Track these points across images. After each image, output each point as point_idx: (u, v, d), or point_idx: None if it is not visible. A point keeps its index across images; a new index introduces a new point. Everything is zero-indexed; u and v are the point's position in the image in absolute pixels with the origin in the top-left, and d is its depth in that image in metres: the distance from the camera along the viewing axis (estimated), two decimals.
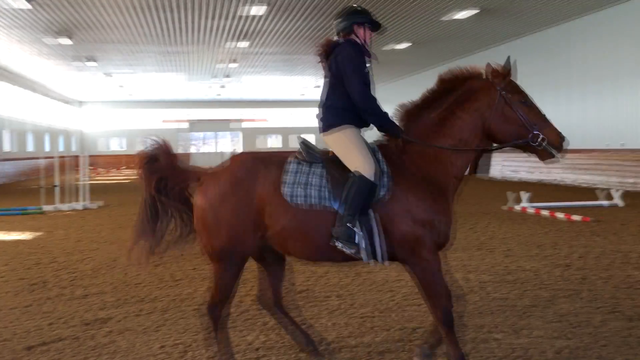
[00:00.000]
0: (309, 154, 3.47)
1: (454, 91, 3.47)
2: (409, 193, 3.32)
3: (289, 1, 15.80)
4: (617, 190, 12.59)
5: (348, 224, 3.23)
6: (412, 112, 3.54)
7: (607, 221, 9.97)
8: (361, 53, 3.58)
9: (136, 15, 16.90)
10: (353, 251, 3.26)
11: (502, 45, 23.13)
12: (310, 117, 48.24)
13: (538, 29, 20.38)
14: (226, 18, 17.63)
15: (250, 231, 3.39)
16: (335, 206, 3.30)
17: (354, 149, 3.37)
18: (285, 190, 3.33)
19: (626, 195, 12.90)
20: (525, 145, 3.40)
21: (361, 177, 3.25)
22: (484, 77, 3.49)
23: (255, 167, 3.44)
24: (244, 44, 21.72)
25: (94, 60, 24.62)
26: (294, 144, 49.23)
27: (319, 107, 3.64)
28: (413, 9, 16.96)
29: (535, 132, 3.35)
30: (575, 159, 18.61)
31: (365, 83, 3.50)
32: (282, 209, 3.33)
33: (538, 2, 16.61)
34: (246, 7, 16.26)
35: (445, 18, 18.10)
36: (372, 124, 3.54)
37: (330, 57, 3.60)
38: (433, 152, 3.42)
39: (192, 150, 46.45)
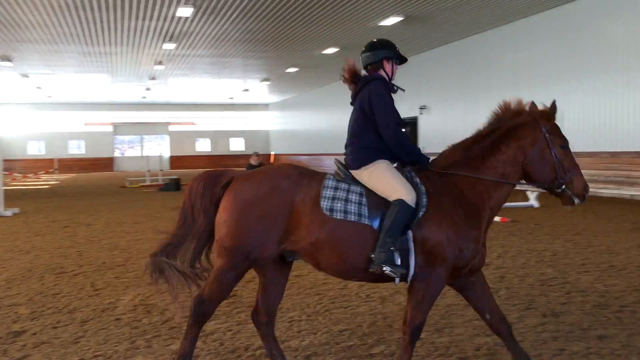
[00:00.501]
0: (346, 173, 3.55)
1: (502, 126, 3.58)
2: (445, 213, 3.37)
3: (215, 3, 15.63)
4: (533, 192, 13.24)
5: (391, 249, 3.27)
6: (463, 145, 3.64)
7: (524, 221, 10.46)
8: (390, 91, 3.66)
9: (54, 14, 16.21)
10: (398, 275, 3.29)
11: (427, 52, 23.83)
12: (239, 121, 48.04)
13: (461, 37, 21.13)
14: (151, 19, 17.22)
15: (274, 239, 3.39)
16: (374, 225, 3.34)
17: (391, 180, 3.44)
18: (324, 204, 3.37)
19: (541, 196, 13.58)
20: (551, 190, 3.56)
21: (403, 204, 3.31)
22: (526, 113, 3.59)
23: (299, 180, 3.47)
24: (170, 46, 21.28)
25: (9, 60, 23.41)
26: (223, 148, 48.69)
27: (349, 143, 3.68)
28: (340, 14, 17.19)
29: (562, 181, 3.48)
30: None
31: (397, 123, 3.58)
32: (319, 221, 3.35)
33: (460, 11, 17.23)
34: (172, 9, 15.95)
35: (371, 24, 18.44)
36: (404, 160, 3.62)
37: (360, 92, 3.67)
38: (472, 181, 3.50)
39: (117, 154, 45.02)
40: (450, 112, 22.84)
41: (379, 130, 3.54)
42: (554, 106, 3.56)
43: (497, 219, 10.51)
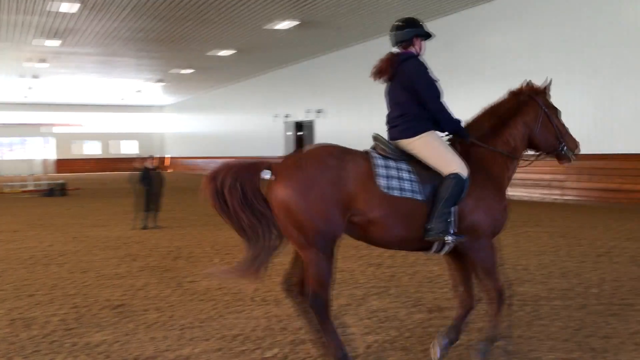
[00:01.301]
0: (389, 149, 3.71)
1: (506, 104, 3.97)
2: (479, 188, 3.69)
3: None
4: None
5: (448, 220, 3.52)
6: (477, 122, 3.97)
7: None
8: (426, 66, 3.85)
9: None
10: (457, 242, 3.56)
11: (323, 56, 24.22)
12: (132, 123, 46.24)
13: (355, 42, 21.67)
14: (32, 13, 16.16)
15: (340, 214, 3.45)
16: (425, 199, 3.57)
17: (445, 153, 3.68)
18: (381, 181, 3.51)
19: None
20: (550, 148, 4.03)
21: (459, 177, 3.56)
22: (524, 92, 4.00)
23: (344, 156, 3.54)
24: (54, 43, 20.08)
25: None
26: (115, 151, 46.58)
27: (397, 116, 3.83)
28: (235, 16, 17.07)
29: (563, 144, 4.00)
30: None
31: (439, 95, 3.82)
32: (378, 198, 3.48)
33: (354, 17, 17.67)
34: (55, 3, 15.06)
35: (267, 27, 18.47)
36: (447, 130, 3.87)
37: (398, 71, 3.83)
38: (494, 156, 3.87)
39: None
40: (345, 116, 23.35)
41: (424, 103, 3.77)
42: (546, 82, 4.05)
43: None
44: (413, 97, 3.78)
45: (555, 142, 4.01)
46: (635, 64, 12.56)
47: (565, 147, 4.01)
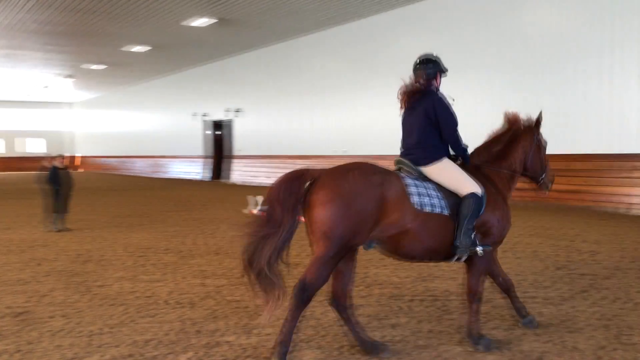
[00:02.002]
0: (414, 171, 4.18)
1: (508, 133, 4.55)
2: (491, 202, 4.18)
3: None
4: None
5: (472, 235, 4.00)
6: (486, 146, 4.55)
7: None
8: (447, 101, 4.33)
9: None
10: (483, 252, 4.05)
11: (241, 55, 24.01)
12: (39, 120, 43.86)
13: (274, 41, 21.64)
14: None
15: (368, 228, 3.78)
16: (449, 213, 4.01)
17: (460, 177, 4.15)
18: (415, 199, 3.91)
19: None
20: (534, 175, 4.63)
21: (476, 196, 4.03)
22: (522, 122, 4.60)
23: (381, 175, 3.91)
24: None
25: None
26: (20, 149, 43.98)
27: (415, 143, 4.25)
28: (149, 11, 16.58)
29: (544, 172, 4.62)
30: (306, 164, 20.22)
31: (456, 126, 4.29)
32: (412, 214, 3.87)
33: (272, 17, 17.65)
34: None
35: (184, 24, 18.08)
36: (455, 153, 4.37)
37: (423, 102, 4.25)
38: (500, 174, 4.45)
39: None
40: (264, 115, 23.28)
41: (442, 133, 4.26)
42: (540, 116, 4.61)
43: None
44: (432, 125, 4.25)
45: (540, 169, 4.63)
46: (525, 64, 13.34)
47: (545, 178, 4.64)
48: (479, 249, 4.03)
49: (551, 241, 8.35)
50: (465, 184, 4.10)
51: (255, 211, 12.53)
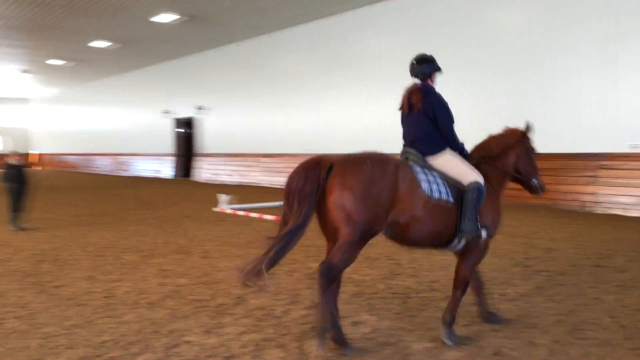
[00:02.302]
0: (421, 161, 4.43)
1: (505, 139, 4.75)
2: (488, 196, 4.39)
3: None
4: None
5: (476, 220, 4.22)
6: (484, 145, 4.75)
7: None
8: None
9: None
10: (487, 237, 4.32)
11: (207, 52, 23.78)
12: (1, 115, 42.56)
13: (241, 39, 21.49)
14: None
15: (386, 214, 3.97)
16: (453, 201, 4.23)
17: (465, 166, 4.43)
18: (424, 186, 4.13)
19: None
20: (527, 182, 4.81)
21: (479, 184, 4.28)
22: (519, 133, 4.79)
23: (394, 163, 4.11)
24: None
25: None
26: None
27: (420, 137, 4.49)
28: (112, 5, 16.27)
29: (535, 177, 4.79)
30: (270, 162, 20.19)
31: (452, 123, 4.54)
32: (423, 201, 4.08)
33: (239, 15, 17.52)
34: None
35: (152, 19, 17.79)
36: (453, 150, 4.54)
37: (423, 101, 4.49)
38: (495, 172, 4.63)
39: None
40: (230, 113, 23.11)
41: (441, 129, 4.51)
42: (529, 127, 4.80)
43: (271, 217, 10.91)
44: (432, 122, 4.52)
45: (532, 174, 4.82)
46: (491, 65, 13.59)
47: (537, 182, 4.84)
48: (483, 233, 4.29)
49: (510, 238, 8.52)
50: (469, 173, 4.39)
51: (226, 209, 12.43)
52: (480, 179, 4.34)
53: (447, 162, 4.46)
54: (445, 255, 7.33)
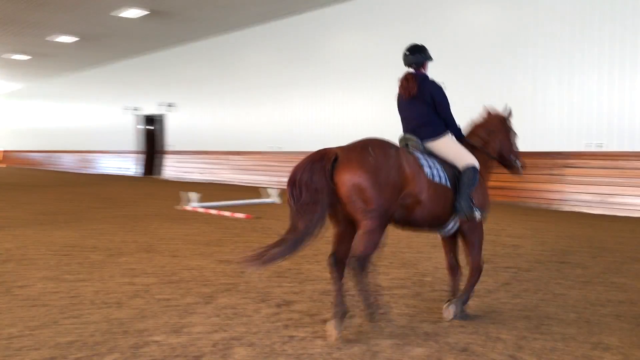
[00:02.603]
0: (420, 147, 4.71)
1: (489, 125, 5.09)
2: (479, 182, 4.73)
3: None
4: (275, 188, 14.00)
5: (470, 200, 4.52)
6: (472, 131, 5.08)
7: (266, 217, 10.99)
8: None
9: None
10: (481, 216, 4.63)
11: (174, 48, 23.51)
12: None
13: (209, 35, 21.30)
14: None
15: (397, 196, 4.17)
16: (449, 185, 4.52)
17: (461, 149, 4.73)
18: (427, 171, 4.38)
19: (283, 192, 14.41)
20: (509, 161, 5.16)
21: (474, 167, 4.61)
22: (500, 116, 5.16)
23: (396, 148, 4.30)
24: None
25: None
26: None
27: (422, 123, 4.75)
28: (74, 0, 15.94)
29: (516, 158, 5.18)
30: (239, 160, 20.06)
31: (449, 106, 4.81)
32: (426, 184, 4.33)
33: (205, 10, 17.35)
34: None
35: (114, 14, 17.50)
36: (451, 132, 4.85)
37: (421, 87, 4.76)
38: (483, 156, 4.94)
39: None
40: (197, 111, 22.89)
41: (440, 113, 4.78)
42: (510, 111, 5.21)
43: (242, 215, 10.85)
44: (431, 108, 4.76)
45: (513, 153, 5.16)
46: (455, 63, 13.77)
47: (517, 161, 5.18)
48: (477, 213, 4.55)
49: None
50: (465, 156, 4.68)
51: (189, 207, 12.31)
52: (475, 162, 4.65)
53: (445, 144, 4.73)
54: (415, 253, 7.42)
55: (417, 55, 4.87)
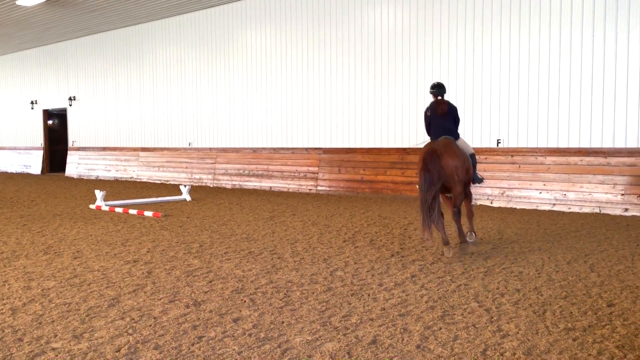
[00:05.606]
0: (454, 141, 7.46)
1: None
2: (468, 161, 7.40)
3: None
4: (186, 185, 13.67)
5: (478, 174, 7.84)
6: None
7: (176, 215, 10.70)
8: None
9: None
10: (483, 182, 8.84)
11: (77, 39, 22.40)
12: None
13: (114, 27, 20.45)
14: None
15: (466, 172, 7.29)
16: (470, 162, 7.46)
17: (468, 144, 7.64)
18: (462, 152, 7.28)
19: (193, 190, 14.09)
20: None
21: (474, 154, 7.62)
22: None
23: (454, 142, 7.37)
24: None
25: None
26: None
27: (448, 131, 7.44)
28: None
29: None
30: (150, 157, 19.44)
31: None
32: (467, 161, 7.31)
33: (115, 1, 16.63)
34: None
35: (8, 2, 16.39)
36: (456, 136, 7.52)
37: (449, 109, 7.52)
38: (460, 143, 7.53)
39: None
40: (102, 105, 21.94)
41: (456, 124, 7.60)
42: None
43: (150, 213, 10.51)
44: (453, 122, 7.54)
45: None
46: (373, 61, 14.07)
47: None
48: (483, 182, 8.50)
49: (386, 230, 8.86)
50: (469, 148, 7.58)
51: (102, 206, 11.75)
52: (472, 150, 7.62)
53: (462, 142, 7.53)
54: (326, 248, 7.48)
55: (442, 88, 7.58)
